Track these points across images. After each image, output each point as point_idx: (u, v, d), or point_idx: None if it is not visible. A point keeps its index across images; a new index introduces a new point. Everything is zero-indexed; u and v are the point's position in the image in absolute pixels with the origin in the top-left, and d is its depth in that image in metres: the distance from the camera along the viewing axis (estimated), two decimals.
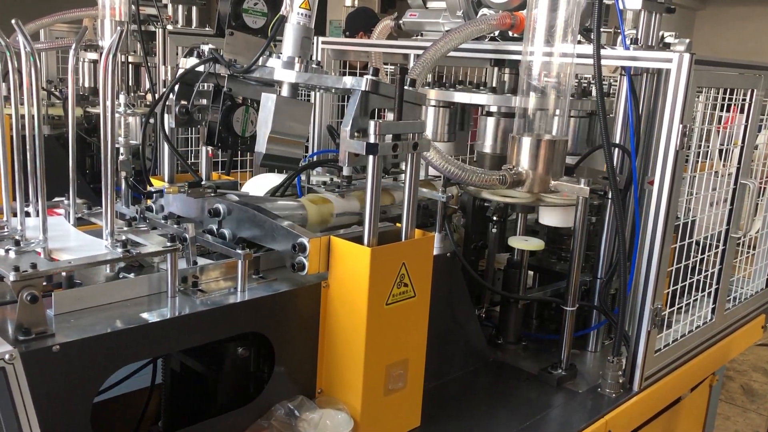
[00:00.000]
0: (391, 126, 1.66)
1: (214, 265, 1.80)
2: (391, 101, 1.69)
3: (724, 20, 14.17)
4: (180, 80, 1.93)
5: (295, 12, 1.83)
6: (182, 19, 3.97)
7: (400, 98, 1.66)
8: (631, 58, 2.12)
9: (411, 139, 1.71)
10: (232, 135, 1.92)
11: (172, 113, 1.91)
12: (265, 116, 1.82)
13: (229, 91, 1.89)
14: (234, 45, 1.92)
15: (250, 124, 1.93)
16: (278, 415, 1.71)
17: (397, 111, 1.67)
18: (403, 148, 1.69)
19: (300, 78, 1.82)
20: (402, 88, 1.66)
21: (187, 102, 1.90)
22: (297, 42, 1.84)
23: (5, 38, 1.61)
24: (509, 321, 2.45)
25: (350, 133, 1.65)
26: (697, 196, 2.36)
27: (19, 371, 1.31)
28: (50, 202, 1.88)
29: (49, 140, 3.55)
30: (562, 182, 2.10)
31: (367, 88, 1.67)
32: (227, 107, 1.88)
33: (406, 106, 1.69)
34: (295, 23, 1.83)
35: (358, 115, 1.66)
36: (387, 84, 1.71)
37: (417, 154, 1.74)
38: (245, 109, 1.92)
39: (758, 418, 5.08)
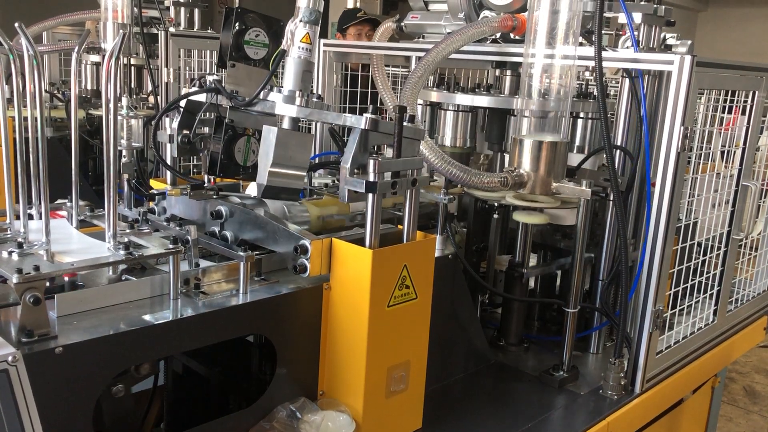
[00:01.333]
0: (391, 164, 1.68)
1: (216, 267, 1.80)
2: (390, 137, 1.71)
3: (726, 22, 14.17)
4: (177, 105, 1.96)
5: (296, 46, 1.85)
6: (184, 22, 3.98)
7: (399, 136, 1.68)
8: (632, 60, 2.13)
9: (410, 176, 1.73)
10: (234, 164, 1.94)
11: (174, 142, 1.93)
12: (267, 149, 1.84)
13: (231, 122, 1.91)
14: (236, 76, 1.94)
15: (252, 154, 1.95)
16: (280, 417, 1.71)
17: (396, 149, 1.69)
18: (402, 185, 1.72)
19: (301, 113, 1.85)
20: (401, 126, 1.68)
21: (189, 131, 1.92)
22: (298, 76, 1.86)
23: (8, 41, 1.61)
24: (511, 322, 2.46)
25: (350, 171, 1.67)
26: (698, 198, 2.36)
27: (21, 373, 1.31)
28: (53, 205, 1.88)
29: (52, 142, 3.57)
30: (563, 184, 2.10)
31: (367, 127, 1.69)
32: (229, 137, 1.90)
33: (405, 142, 1.71)
34: (296, 57, 1.86)
35: (358, 152, 1.69)
36: (386, 122, 1.73)
37: (416, 189, 1.75)
38: (247, 139, 1.94)
39: (761, 419, 5.07)
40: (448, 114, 2.54)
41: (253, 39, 1.95)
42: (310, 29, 1.86)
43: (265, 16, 1.99)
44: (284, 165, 1.85)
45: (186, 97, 1.94)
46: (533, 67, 2.09)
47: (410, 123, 1.73)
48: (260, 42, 1.97)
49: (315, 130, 2.93)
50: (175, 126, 1.93)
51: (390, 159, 1.69)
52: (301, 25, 1.85)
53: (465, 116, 2.53)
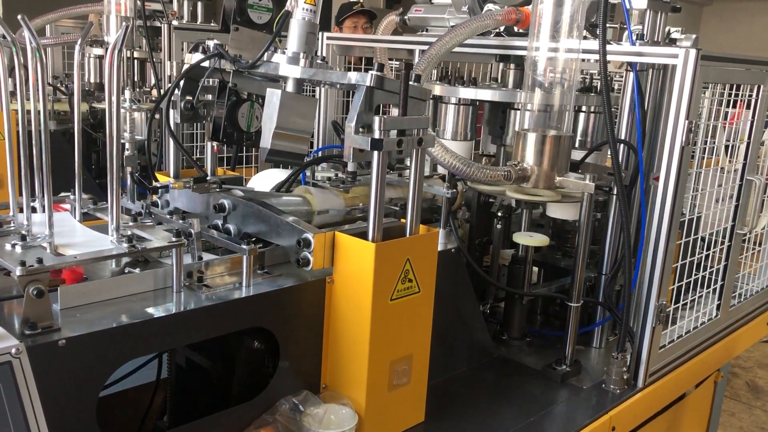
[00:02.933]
0: (396, 122, 1.66)
1: (220, 260, 1.80)
2: (395, 97, 1.68)
3: (732, 16, 14.11)
4: (185, 76, 1.94)
5: (300, 7, 1.83)
6: (187, 15, 3.97)
7: (404, 94, 1.66)
8: (636, 54, 2.12)
9: (416, 135, 1.71)
10: (237, 130, 1.92)
11: (177, 108, 1.91)
12: (270, 112, 1.82)
13: (234, 86, 1.89)
14: (239, 40, 1.92)
15: (255, 120, 1.93)
16: (283, 410, 1.71)
17: (402, 107, 1.66)
18: (408, 144, 1.69)
19: (305, 74, 1.82)
20: (407, 84, 1.66)
21: (192, 97, 1.91)
22: (302, 37, 1.84)
23: (11, 34, 1.61)
24: (514, 317, 2.46)
25: (355, 129, 1.65)
26: (702, 192, 2.35)
27: (25, 365, 1.32)
28: (56, 198, 1.88)
29: (55, 136, 3.58)
30: (567, 178, 2.10)
31: (372, 84, 1.67)
32: (232, 102, 1.89)
33: (411, 102, 1.68)
34: (300, 19, 1.83)
35: (363, 110, 1.66)
36: (392, 80, 1.70)
37: (422, 149, 1.74)
38: (250, 105, 1.92)
39: (763, 414, 5.07)
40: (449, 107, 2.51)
41: (257, 3, 1.94)
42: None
43: None
44: (288, 128, 1.83)
45: (191, 69, 1.92)
46: (537, 61, 2.09)
47: (416, 83, 1.72)
48: (264, 6, 1.95)
49: (319, 96, 2.90)
50: (178, 93, 1.92)
51: (396, 117, 1.67)
52: None
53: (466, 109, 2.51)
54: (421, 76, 1.78)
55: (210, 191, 1.97)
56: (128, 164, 1.98)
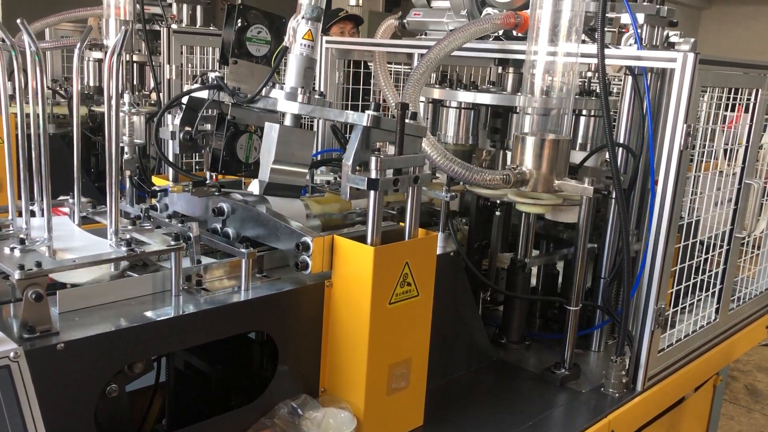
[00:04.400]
0: (393, 161, 1.68)
1: (218, 264, 1.80)
2: (392, 135, 1.70)
3: (730, 19, 14.14)
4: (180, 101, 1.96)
5: (298, 43, 1.85)
6: (187, 19, 3.98)
7: (401, 133, 1.68)
8: (635, 58, 2.12)
9: (412, 173, 1.73)
10: (236, 161, 1.94)
11: (176, 139, 1.93)
12: (269, 145, 1.85)
13: (233, 118, 1.91)
14: (238, 73, 1.94)
15: (254, 151, 1.95)
16: (281, 414, 1.71)
17: (398, 146, 1.69)
18: (404, 182, 1.71)
19: (303, 110, 1.85)
20: (403, 123, 1.68)
21: (191, 128, 1.92)
22: (300, 73, 1.87)
23: (10, 37, 1.61)
24: (512, 320, 2.46)
25: (352, 168, 1.67)
26: (701, 196, 2.35)
27: (23, 369, 1.31)
28: (55, 201, 1.88)
29: (54, 139, 3.57)
30: (565, 182, 2.10)
31: (369, 124, 1.69)
32: (231, 134, 1.91)
33: (407, 139, 1.71)
34: (298, 54, 1.86)
35: (360, 149, 1.69)
36: (388, 119, 1.72)
37: (418, 186, 1.75)
38: (249, 136, 1.94)
39: (762, 418, 5.07)
40: (450, 111, 2.53)
41: (255, 36, 1.95)
42: (312, 26, 1.86)
43: (267, 12, 1.99)
44: (286, 162, 1.86)
45: (188, 93, 1.95)
46: (536, 65, 2.09)
47: (412, 120, 1.73)
48: (262, 39, 1.97)
49: (317, 127, 2.93)
50: (177, 123, 1.94)
51: (392, 156, 1.69)
52: (303, 21, 1.85)
53: (467, 113, 2.52)
54: (417, 114, 1.80)
55: (209, 195, 1.97)
56: (127, 168, 1.99)
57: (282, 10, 2.06)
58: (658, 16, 2.19)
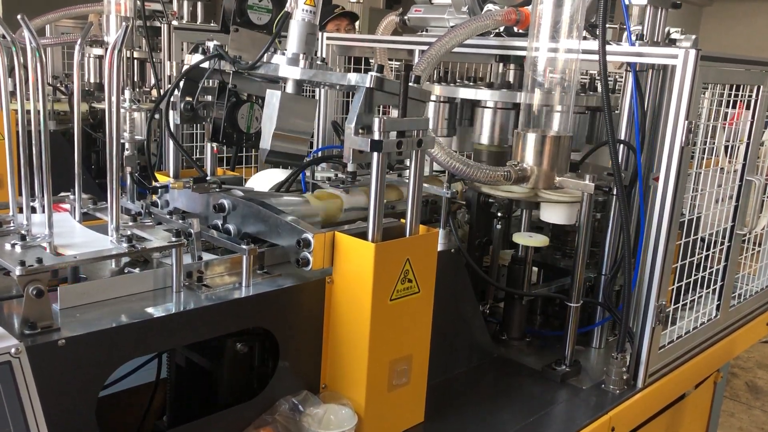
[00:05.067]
0: (396, 123, 1.66)
1: (219, 260, 1.80)
2: (395, 98, 1.68)
3: (732, 16, 14.12)
4: (185, 76, 1.94)
5: (299, 8, 1.83)
6: (187, 15, 3.98)
7: (404, 95, 1.66)
8: (636, 54, 2.12)
9: (415, 136, 1.71)
10: (237, 131, 1.92)
11: (177, 109, 1.91)
12: (270, 113, 1.82)
13: (234, 87, 1.89)
14: (239, 41, 1.92)
15: (255, 121, 1.93)
16: (282, 410, 1.71)
17: (402, 108, 1.67)
18: (408, 145, 1.69)
19: (305, 75, 1.82)
20: (406, 85, 1.66)
21: (192, 98, 1.91)
22: (302, 39, 1.84)
23: (11, 34, 1.61)
24: (513, 317, 2.46)
25: (354, 130, 1.65)
26: (702, 193, 2.35)
27: (25, 365, 1.32)
28: (56, 198, 1.88)
29: (55, 136, 3.58)
30: (566, 178, 2.10)
31: (372, 85, 1.67)
32: (232, 104, 1.89)
33: (411, 103, 1.69)
34: (300, 20, 1.83)
35: (363, 111, 1.66)
36: (391, 81, 1.70)
37: (421, 150, 1.74)
38: (250, 106, 1.92)
39: (763, 415, 5.07)
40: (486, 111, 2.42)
41: (257, 4, 1.94)
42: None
43: None
44: (288, 129, 1.83)
45: (191, 69, 1.92)
46: (537, 61, 2.09)
47: (416, 84, 1.71)
48: (264, 7, 1.95)
49: (319, 97, 2.91)
50: (178, 94, 1.92)
51: (395, 118, 1.67)
52: None
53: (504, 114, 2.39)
54: (420, 77, 1.78)
55: (210, 191, 1.97)
56: (128, 164, 1.99)
57: None
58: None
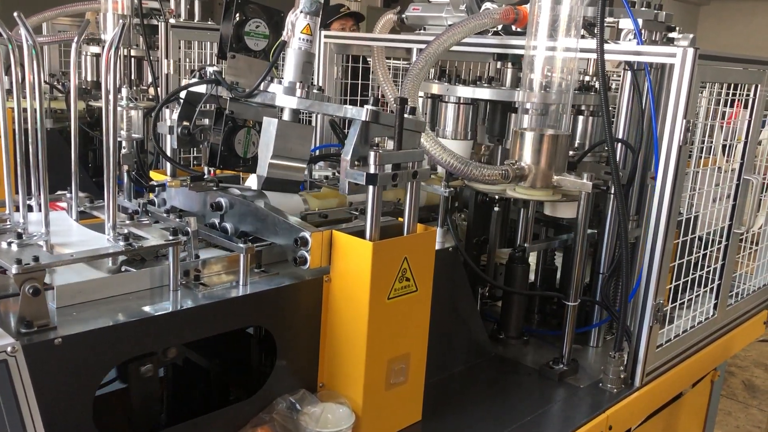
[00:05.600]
0: (391, 156, 1.68)
1: (217, 258, 1.80)
2: (391, 130, 1.70)
3: (729, 15, 14.14)
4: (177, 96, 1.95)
5: (296, 37, 1.85)
6: (185, 13, 3.96)
7: (400, 128, 1.68)
8: (634, 53, 2.12)
9: (410, 168, 1.72)
10: (234, 156, 1.93)
11: (174, 134, 1.92)
12: (267, 140, 1.84)
13: (231, 113, 1.90)
14: (236, 68, 1.93)
15: (252, 146, 1.94)
16: (280, 409, 1.71)
17: (397, 141, 1.68)
18: (403, 178, 1.71)
19: (301, 104, 1.85)
20: (402, 119, 1.67)
21: (189, 122, 1.92)
22: (298, 67, 1.86)
23: (7, 31, 1.60)
24: (511, 316, 2.46)
25: (350, 163, 1.67)
26: (700, 192, 2.35)
27: (21, 364, 1.31)
28: (52, 196, 1.88)
29: (52, 134, 3.56)
30: (564, 177, 2.10)
31: (368, 119, 1.68)
32: (229, 129, 1.90)
33: (406, 134, 1.70)
34: (297, 48, 1.85)
35: (359, 144, 1.68)
36: (387, 114, 1.72)
37: (417, 182, 1.75)
38: (247, 131, 1.94)
39: (760, 414, 5.08)
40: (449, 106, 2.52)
41: (254, 30, 1.95)
42: (310, 20, 1.86)
43: (266, 6, 1.98)
44: (285, 157, 1.85)
45: (186, 88, 1.94)
46: (535, 60, 2.09)
47: (411, 115, 1.73)
48: (261, 33, 1.96)
49: (315, 122, 2.92)
50: (175, 117, 1.93)
51: (391, 151, 1.68)
52: (301, 16, 1.85)
53: (466, 108, 2.51)
54: (415, 109, 1.79)
55: (207, 190, 1.96)
56: (125, 162, 1.98)
57: (280, 4, 2.05)
58: (656, 21, 2.19)
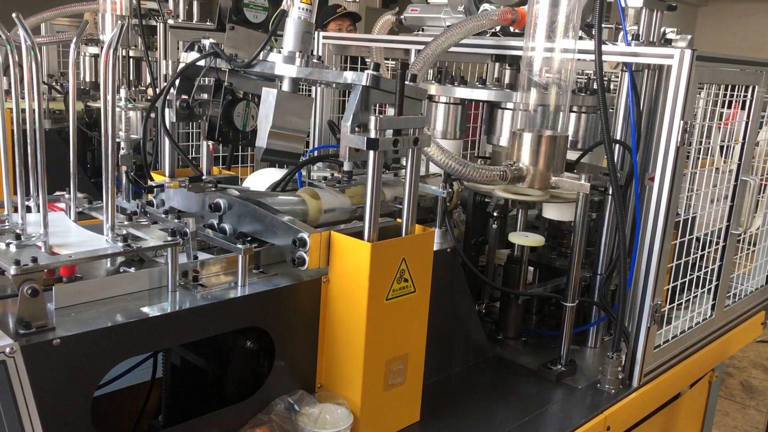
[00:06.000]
0: (392, 121, 1.66)
1: (215, 259, 1.80)
2: (391, 96, 1.68)
3: (727, 16, 14.15)
4: (181, 75, 1.94)
5: (296, 7, 1.83)
6: (183, 14, 3.97)
7: (400, 93, 1.66)
8: (632, 54, 2.12)
9: (412, 135, 1.71)
10: (233, 129, 1.92)
11: (173, 107, 1.91)
12: (266, 111, 1.82)
13: (230, 85, 1.89)
14: (235, 39, 1.92)
15: (251, 119, 1.93)
16: (278, 410, 1.71)
17: (398, 106, 1.67)
18: (404, 144, 1.69)
19: (301, 73, 1.83)
20: (403, 84, 1.66)
21: (187, 96, 1.90)
22: (298, 37, 1.84)
23: (6, 32, 1.60)
24: (509, 317, 2.46)
25: (351, 128, 1.65)
26: (697, 193, 2.35)
27: (19, 365, 1.31)
28: (51, 197, 1.88)
29: (50, 134, 3.56)
30: (562, 178, 2.10)
31: (368, 83, 1.67)
32: (228, 102, 1.89)
33: (407, 101, 1.69)
34: (296, 18, 1.83)
35: (359, 110, 1.66)
36: (388, 79, 1.70)
37: (418, 149, 1.74)
38: (246, 104, 1.92)
39: (757, 414, 5.09)
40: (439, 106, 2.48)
41: (253, 2, 1.93)
42: None
43: None
44: (284, 128, 1.83)
45: (185, 69, 1.92)
46: (533, 61, 2.09)
47: (412, 82, 1.72)
48: (260, 5, 1.95)
49: (315, 95, 2.90)
50: (174, 92, 1.92)
51: (392, 116, 1.67)
52: None
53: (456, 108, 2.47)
54: (417, 76, 1.78)
55: (205, 190, 1.96)
56: (123, 163, 1.98)
57: None
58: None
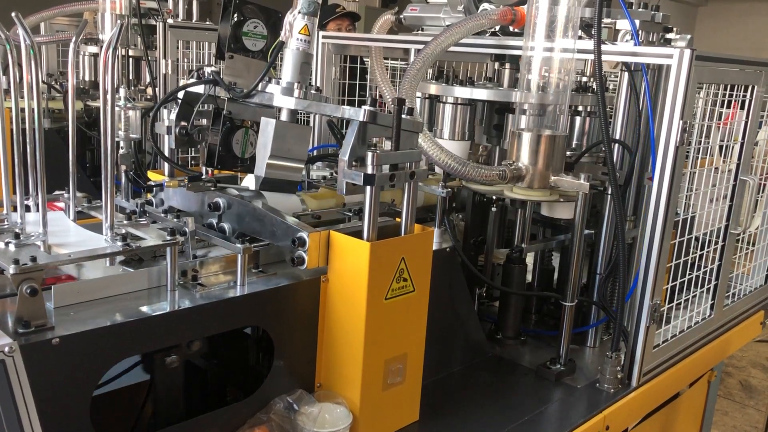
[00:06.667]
0: (389, 156, 1.68)
1: (214, 259, 1.80)
2: (388, 130, 1.70)
3: (726, 16, 14.15)
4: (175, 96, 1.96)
5: (294, 38, 1.85)
6: (183, 13, 3.97)
7: (397, 128, 1.68)
8: (631, 54, 2.12)
9: (408, 169, 1.72)
10: (232, 156, 1.94)
11: (172, 134, 1.93)
12: (265, 140, 1.85)
13: (229, 114, 1.91)
14: (234, 68, 1.94)
15: (250, 146, 1.95)
16: (277, 409, 1.71)
17: (395, 141, 1.69)
18: (400, 178, 1.71)
19: (299, 105, 1.85)
20: (399, 119, 1.68)
21: (186, 123, 1.92)
22: (296, 68, 1.86)
23: (5, 31, 1.60)
24: (508, 316, 2.46)
25: (348, 163, 1.67)
26: (696, 192, 2.36)
27: (18, 364, 1.31)
28: (50, 196, 1.88)
29: (50, 134, 3.56)
30: (562, 178, 2.10)
31: (365, 119, 1.69)
32: (227, 129, 1.91)
33: (404, 135, 1.70)
34: (295, 49, 1.86)
35: (357, 144, 1.68)
36: (384, 114, 1.72)
37: (414, 182, 1.75)
38: (245, 131, 1.94)
39: (756, 414, 5.09)
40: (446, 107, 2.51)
41: (252, 30, 1.95)
42: (308, 21, 1.86)
43: (264, 7, 1.98)
44: (282, 157, 1.85)
45: (184, 88, 1.94)
46: (532, 60, 2.09)
47: (409, 116, 1.73)
48: (259, 33, 1.96)
49: (313, 123, 2.92)
50: (172, 117, 1.93)
51: (388, 152, 1.68)
52: (299, 16, 1.85)
53: (464, 109, 2.51)
54: (413, 109, 1.80)
55: (205, 190, 1.96)
56: (123, 162, 1.98)
57: (278, 4, 2.05)
58: (653, 22, 2.20)
